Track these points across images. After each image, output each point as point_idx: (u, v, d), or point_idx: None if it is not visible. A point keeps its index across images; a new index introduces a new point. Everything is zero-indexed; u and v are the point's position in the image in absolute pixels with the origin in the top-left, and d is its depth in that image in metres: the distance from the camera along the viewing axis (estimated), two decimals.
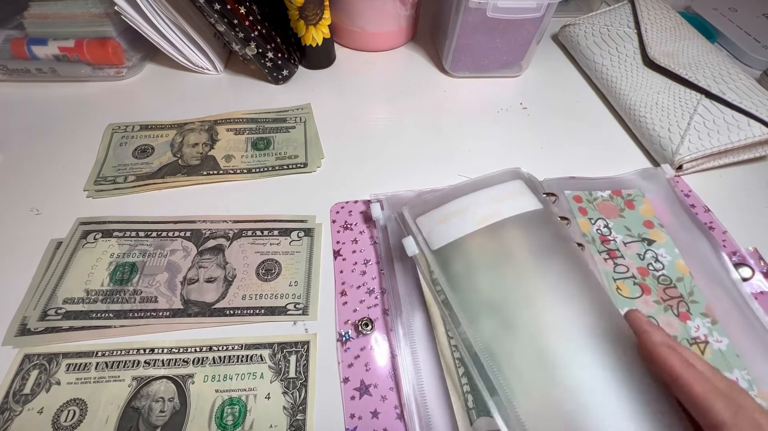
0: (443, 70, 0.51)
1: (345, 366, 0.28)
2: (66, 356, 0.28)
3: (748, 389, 0.26)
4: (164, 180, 0.38)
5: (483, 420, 0.25)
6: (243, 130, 0.43)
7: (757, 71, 0.51)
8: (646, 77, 0.45)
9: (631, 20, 0.50)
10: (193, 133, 0.42)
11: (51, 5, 0.43)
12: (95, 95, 0.46)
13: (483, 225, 0.29)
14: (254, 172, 0.39)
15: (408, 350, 0.27)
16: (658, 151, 0.40)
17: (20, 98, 0.45)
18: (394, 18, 0.50)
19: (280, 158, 0.41)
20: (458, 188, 0.32)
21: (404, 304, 0.29)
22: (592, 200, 0.36)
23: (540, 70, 0.52)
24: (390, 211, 0.35)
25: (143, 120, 0.43)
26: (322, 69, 0.51)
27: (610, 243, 0.33)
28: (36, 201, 0.36)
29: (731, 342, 0.28)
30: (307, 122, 0.44)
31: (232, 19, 0.40)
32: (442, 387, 0.26)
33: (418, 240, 0.30)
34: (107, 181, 0.38)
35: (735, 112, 0.39)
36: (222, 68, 0.50)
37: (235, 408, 0.26)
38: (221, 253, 0.33)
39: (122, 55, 0.45)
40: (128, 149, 0.40)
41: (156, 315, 0.30)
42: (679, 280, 0.31)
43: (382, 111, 0.46)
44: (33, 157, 0.40)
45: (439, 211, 0.31)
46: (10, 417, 0.25)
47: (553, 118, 0.46)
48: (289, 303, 0.31)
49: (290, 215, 0.36)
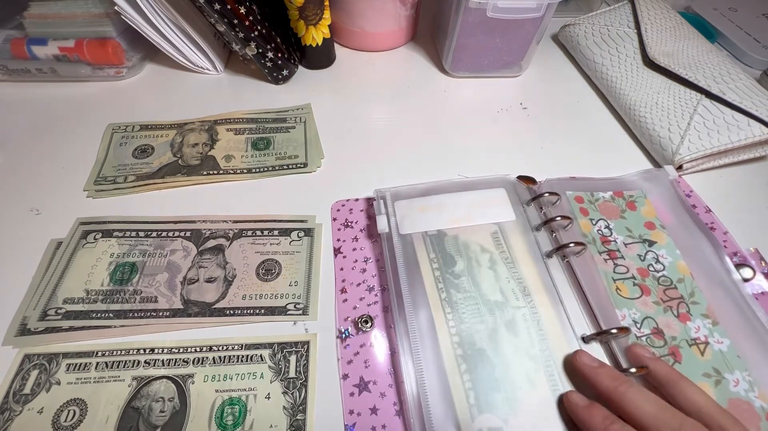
0: (443, 70, 0.51)
1: (344, 362, 0.28)
2: (66, 356, 0.28)
3: (749, 390, 0.26)
4: (164, 180, 0.38)
5: (485, 416, 0.25)
6: (243, 130, 0.43)
7: (757, 71, 0.51)
8: (646, 77, 0.45)
9: (631, 20, 0.50)
10: (193, 133, 0.42)
11: (51, 5, 0.43)
12: (95, 95, 0.46)
13: (455, 225, 0.33)
14: (254, 172, 0.39)
15: (408, 346, 0.27)
16: (658, 150, 0.40)
17: (20, 98, 0.45)
18: (394, 18, 0.50)
19: (280, 158, 0.40)
20: (444, 185, 0.36)
21: (405, 301, 0.29)
22: (593, 201, 0.36)
23: (540, 70, 0.52)
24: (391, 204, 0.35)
25: (143, 120, 0.43)
26: (322, 69, 0.51)
27: (610, 244, 0.33)
28: (36, 201, 0.36)
29: (732, 343, 0.28)
30: (307, 122, 0.44)
31: (232, 19, 0.40)
32: (443, 384, 0.26)
33: (390, 221, 0.33)
34: (107, 181, 0.38)
35: (735, 112, 0.39)
36: (222, 68, 0.50)
37: (235, 408, 0.26)
38: (221, 253, 0.33)
39: (122, 55, 0.45)
40: (128, 149, 0.40)
41: (156, 315, 0.30)
42: (679, 281, 0.31)
43: (382, 111, 0.46)
44: (33, 157, 0.40)
45: (420, 201, 0.35)
46: (10, 417, 0.25)
47: (553, 118, 0.46)
48: (289, 303, 0.31)
49: (290, 215, 0.36)
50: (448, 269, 0.31)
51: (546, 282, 0.31)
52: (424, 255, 0.32)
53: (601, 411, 0.24)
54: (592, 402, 0.24)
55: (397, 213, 0.34)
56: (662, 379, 0.25)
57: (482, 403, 0.26)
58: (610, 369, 0.26)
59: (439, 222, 0.34)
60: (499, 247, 0.32)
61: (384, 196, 0.35)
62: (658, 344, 0.28)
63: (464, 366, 0.27)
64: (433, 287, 0.30)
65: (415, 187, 0.36)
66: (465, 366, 0.27)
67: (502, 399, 0.26)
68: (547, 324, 0.29)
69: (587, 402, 0.24)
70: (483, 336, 0.28)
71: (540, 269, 0.31)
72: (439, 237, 0.33)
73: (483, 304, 0.29)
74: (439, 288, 0.30)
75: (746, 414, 0.25)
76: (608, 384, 0.24)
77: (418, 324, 0.28)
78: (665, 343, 0.28)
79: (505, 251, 0.32)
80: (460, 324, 0.29)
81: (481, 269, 0.31)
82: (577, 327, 0.29)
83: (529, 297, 0.30)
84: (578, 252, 0.32)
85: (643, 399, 0.23)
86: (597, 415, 0.23)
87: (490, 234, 0.33)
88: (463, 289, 0.30)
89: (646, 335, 0.29)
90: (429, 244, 0.32)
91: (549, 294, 0.30)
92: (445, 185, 0.36)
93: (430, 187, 0.36)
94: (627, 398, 0.23)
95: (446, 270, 0.31)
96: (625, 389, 0.24)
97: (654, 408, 0.23)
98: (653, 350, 0.28)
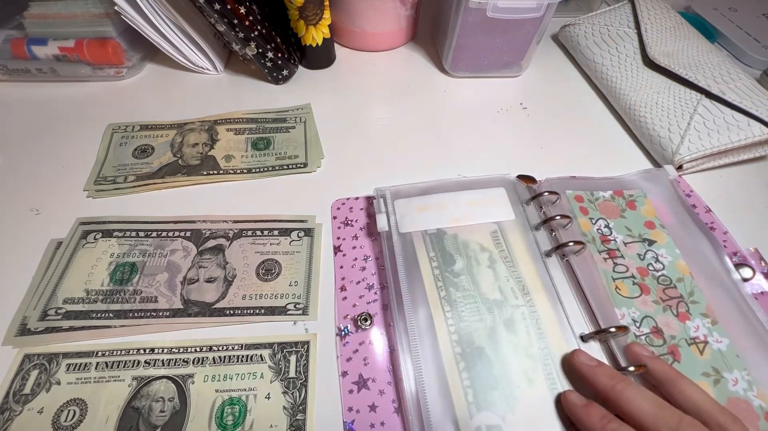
0: (443, 69, 0.51)
1: (343, 360, 0.29)
2: (66, 356, 0.28)
3: (748, 390, 0.26)
4: (164, 180, 0.38)
5: (483, 414, 0.25)
6: (243, 130, 0.43)
7: (757, 71, 0.51)
8: (646, 77, 0.45)
9: (631, 20, 0.50)
10: (193, 133, 0.42)
11: (51, 5, 0.43)
12: (95, 95, 0.46)
13: (454, 224, 0.34)
14: (254, 172, 0.39)
15: (407, 344, 0.27)
16: (658, 150, 0.40)
17: (20, 98, 0.45)
18: (394, 18, 0.50)
19: (280, 158, 0.41)
20: (443, 184, 0.36)
21: (405, 299, 0.29)
22: (593, 200, 0.36)
23: (540, 70, 0.52)
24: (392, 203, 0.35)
25: (143, 120, 0.43)
26: (322, 69, 0.51)
27: (610, 243, 0.33)
28: (36, 201, 0.36)
29: (731, 343, 0.28)
30: (307, 122, 0.44)
31: (232, 19, 0.40)
32: (442, 382, 0.26)
33: (390, 220, 0.33)
34: (107, 181, 0.38)
35: (735, 112, 0.39)
36: (222, 68, 0.50)
37: (235, 408, 0.26)
38: (221, 253, 0.33)
39: (122, 55, 0.45)
40: (128, 149, 0.40)
41: (156, 315, 0.30)
42: (679, 281, 0.31)
43: (382, 111, 0.46)
44: (33, 157, 0.40)
45: (420, 200, 0.35)
46: (10, 417, 0.25)
47: (553, 118, 0.46)
48: (289, 303, 0.31)
49: (290, 215, 0.36)
50: (447, 267, 0.31)
51: (545, 281, 0.31)
52: (424, 253, 0.32)
53: (599, 410, 0.24)
54: (590, 402, 0.24)
55: (397, 211, 0.34)
56: (661, 378, 0.25)
57: (480, 401, 0.26)
58: (608, 368, 0.26)
59: (439, 221, 0.34)
60: (498, 246, 0.32)
61: (384, 194, 0.35)
62: (657, 343, 0.28)
63: (463, 364, 0.27)
64: (432, 285, 0.30)
65: (415, 185, 0.36)
66: (464, 364, 0.27)
67: (500, 397, 0.26)
68: (545, 323, 0.29)
69: (585, 401, 0.25)
70: (482, 335, 0.28)
71: (539, 268, 0.32)
72: (438, 236, 0.33)
73: (482, 303, 0.29)
74: (438, 287, 0.30)
75: (745, 413, 0.25)
76: (606, 383, 0.24)
77: (417, 323, 0.28)
78: (664, 342, 0.28)
79: (504, 250, 0.32)
80: (459, 322, 0.29)
81: (480, 268, 0.31)
82: (576, 326, 0.29)
83: (528, 296, 0.30)
84: (577, 252, 0.32)
85: (641, 397, 0.23)
86: (595, 414, 0.23)
87: (490, 234, 0.33)
88: (462, 288, 0.30)
89: (645, 334, 0.29)
90: (428, 243, 0.32)
91: (548, 293, 0.30)
92: (445, 184, 0.36)
93: (429, 186, 0.36)
94: (625, 396, 0.23)
95: (445, 269, 0.31)
96: (622, 387, 0.24)
97: (652, 407, 0.22)
98: (652, 349, 0.28)
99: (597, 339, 0.28)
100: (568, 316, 0.29)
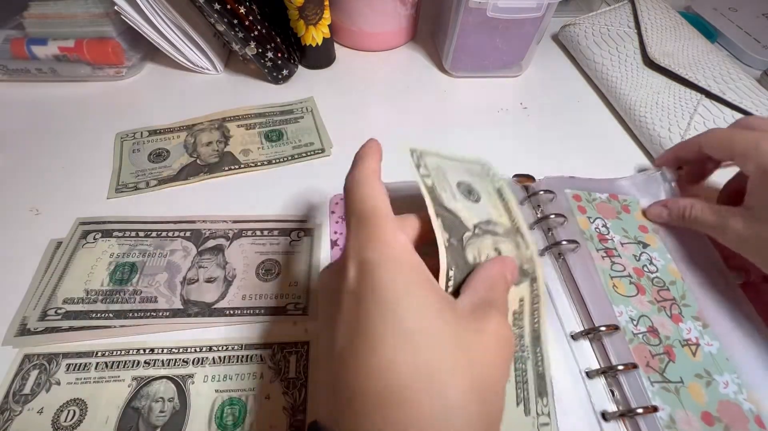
0: (443, 69, 0.51)
1: None
2: (66, 356, 0.28)
3: (738, 392, 0.26)
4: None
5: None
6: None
7: (757, 71, 0.51)
8: (646, 77, 0.45)
9: (631, 20, 0.50)
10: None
11: (51, 5, 0.43)
12: (95, 95, 0.46)
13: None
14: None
15: None
16: (658, 150, 0.40)
17: (20, 98, 0.45)
18: (394, 18, 0.50)
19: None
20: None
21: None
22: (591, 200, 0.36)
23: (540, 70, 0.52)
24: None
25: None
26: (322, 69, 0.51)
27: (607, 242, 0.33)
28: (36, 201, 0.36)
29: (722, 346, 0.28)
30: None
31: (231, 19, 0.40)
32: None
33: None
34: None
35: (735, 112, 0.39)
36: (222, 68, 0.50)
37: (235, 408, 0.26)
38: (221, 253, 0.33)
39: (122, 55, 0.45)
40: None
41: (156, 315, 0.30)
42: (671, 283, 0.31)
43: (381, 110, 0.46)
44: (33, 157, 0.40)
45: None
46: (10, 417, 0.25)
47: (553, 118, 0.46)
48: (289, 303, 0.31)
49: (290, 215, 0.36)
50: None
51: None
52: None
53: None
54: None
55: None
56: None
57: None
58: (671, 202, 0.33)
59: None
60: None
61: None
62: (653, 342, 0.28)
63: None
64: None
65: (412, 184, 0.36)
66: None
67: None
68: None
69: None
70: None
71: None
72: None
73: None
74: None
75: (735, 416, 0.25)
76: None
77: None
78: (660, 342, 0.28)
79: None
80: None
81: None
82: (567, 324, 0.29)
83: None
84: (573, 249, 0.32)
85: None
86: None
87: None
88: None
89: (642, 332, 0.29)
90: None
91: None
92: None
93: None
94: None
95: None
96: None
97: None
98: (649, 348, 0.28)
99: (587, 337, 0.28)
100: (559, 315, 0.30)
